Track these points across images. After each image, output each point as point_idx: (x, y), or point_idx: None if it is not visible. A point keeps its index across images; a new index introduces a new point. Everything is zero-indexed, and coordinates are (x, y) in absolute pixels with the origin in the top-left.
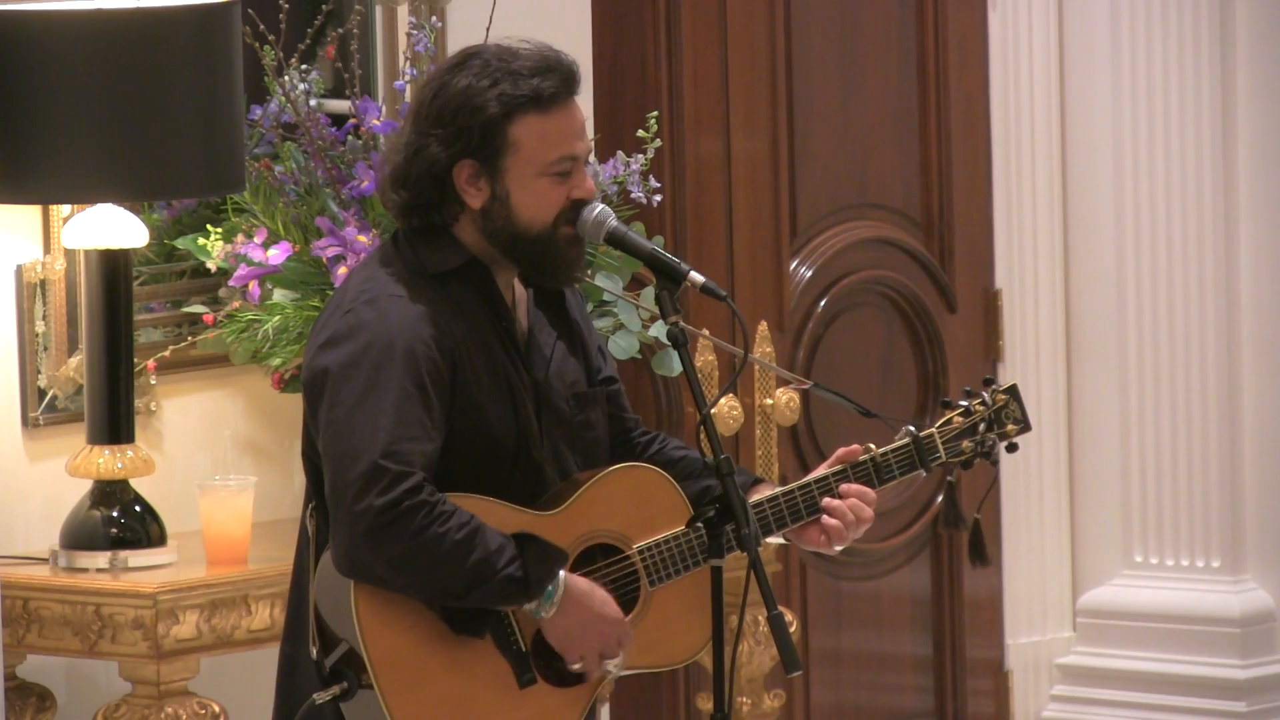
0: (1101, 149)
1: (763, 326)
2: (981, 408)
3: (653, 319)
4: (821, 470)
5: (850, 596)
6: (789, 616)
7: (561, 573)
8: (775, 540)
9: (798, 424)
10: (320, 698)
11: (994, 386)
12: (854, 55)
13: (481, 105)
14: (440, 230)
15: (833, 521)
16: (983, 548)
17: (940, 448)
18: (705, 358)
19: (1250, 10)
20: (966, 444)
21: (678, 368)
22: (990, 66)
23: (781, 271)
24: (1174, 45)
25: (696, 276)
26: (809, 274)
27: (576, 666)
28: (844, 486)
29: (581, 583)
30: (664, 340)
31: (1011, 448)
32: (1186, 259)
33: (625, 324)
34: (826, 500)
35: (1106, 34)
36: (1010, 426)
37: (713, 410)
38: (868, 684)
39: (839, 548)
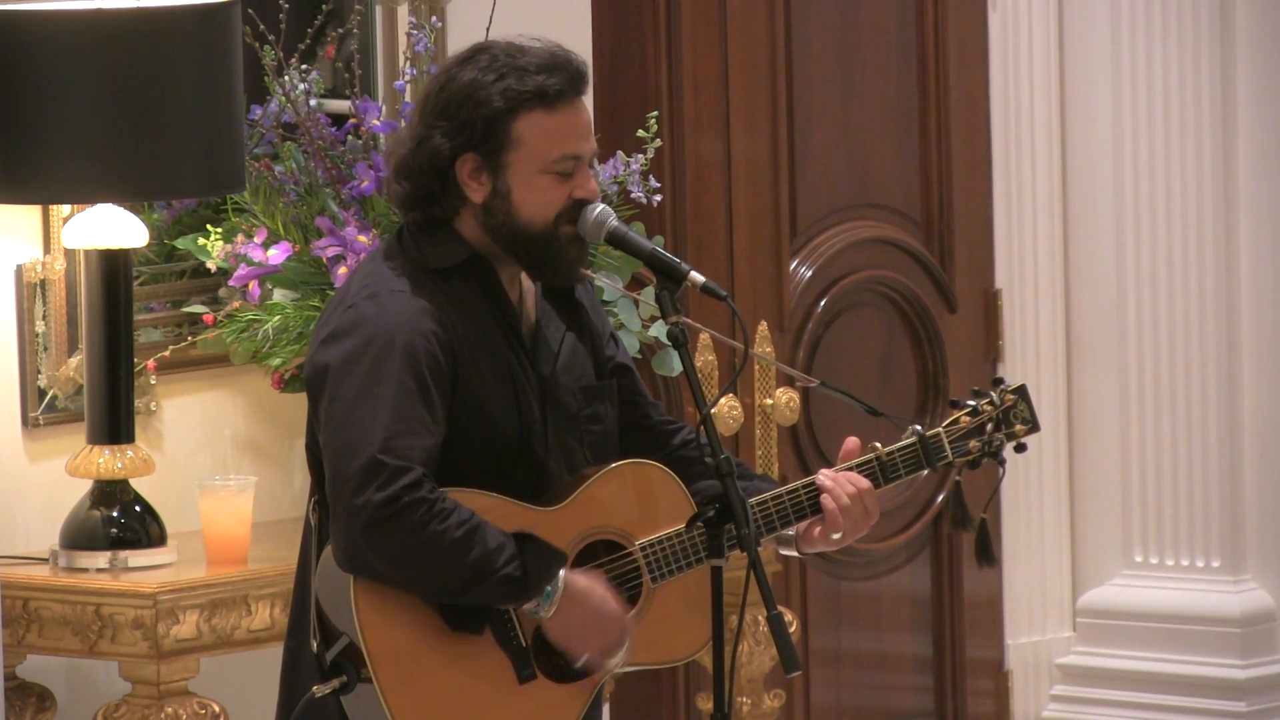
0: (1101, 149)
1: (763, 326)
2: (989, 407)
3: (653, 319)
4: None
5: (850, 596)
6: (789, 616)
7: (561, 572)
8: (788, 551)
9: (798, 424)
10: (319, 690)
11: (1002, 386)
12: (854, 55)
13: (486, 99)
14: (443, 225)
15: (829, 503)
16: (989, 548)
17: (946, 447)
18: (705, 358)
19: (1250, 10)
20: (974, 444)
21: (678, 368)
22: (990, 66)
23: (781, 271)
24: (1174, 45)
25: (697, 276)
26: (809, 274)
27: (580, 664)
28: (838, 475)
29: (581, 581)
30: (664, 340)
31: (1020, 448)
32: (1186, 259)
33: (625, 324)
34: (819, 479)
35: (1106, 34)
36: (1019, 427)
37: (713, 410)
38: (868, 684)
39: (836, 535)
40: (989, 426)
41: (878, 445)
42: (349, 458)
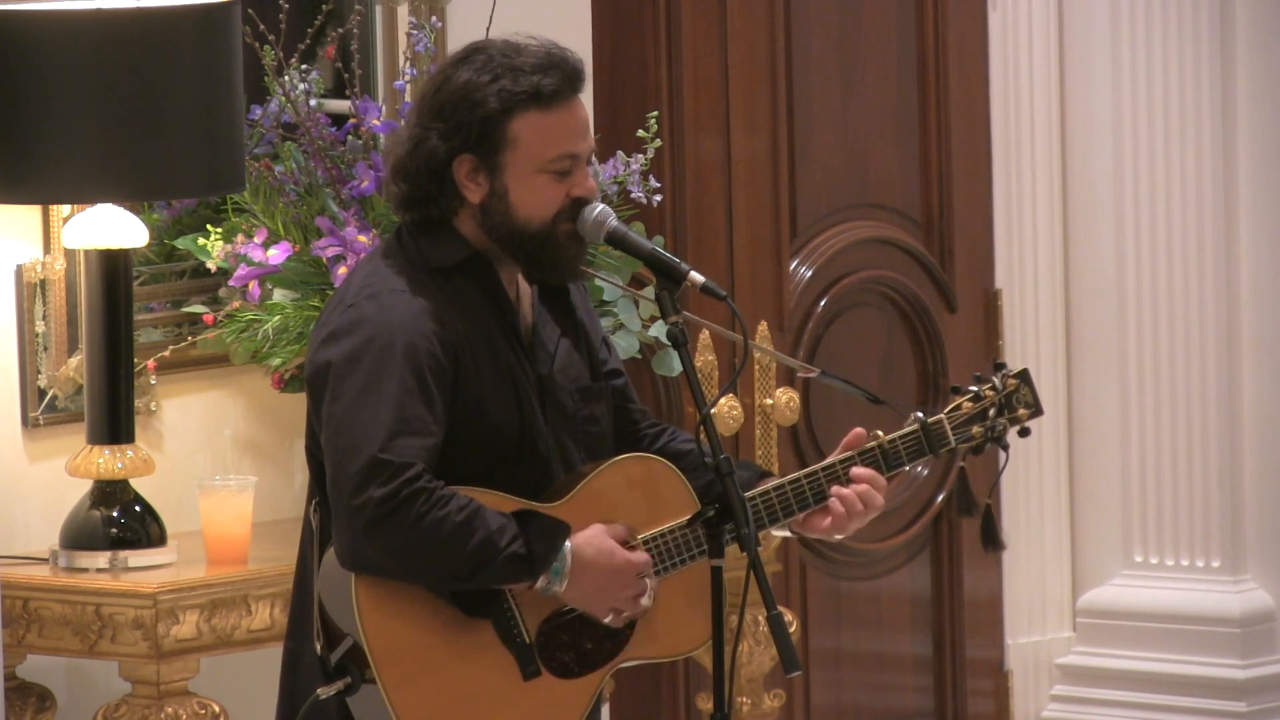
0: (1101, 149)
1: (763, 326)
2: (991, 392)
3: (653, 319)
4: (831, 458)
5: (850, 596)
6: (789, 616)
7: (566, 544)
8: (781, 533)
9: (798, 423)
10: (324, 692)
11: (1004, 371)
12: (854, 55)
13: (481, 100)
14: (442, 224)
15: (838, 507)
16: (995, 533)
17: (949, 433)
18: (705, 358)
19: (1250, 10)
20: (977, 429)
21: (678, 368)
22: (990, 66)
23: (781, 271)
24: (1174, 45)
25: (696, 276)
26: (809, 274)
27: (609, 620)
28: (855, 471)
29: (585, 547)
30: (664, 340)
31: (1024, 432)
32: (1186, 259)
33: (625, 324)
34: (835, 489)
35: (1106, 34)
36: (1022, 411)
37: (713, 410)
38: (868, 684)
39: (839, 536)
40: (992, 411)
41: (879, 433)
42: (350, 457)
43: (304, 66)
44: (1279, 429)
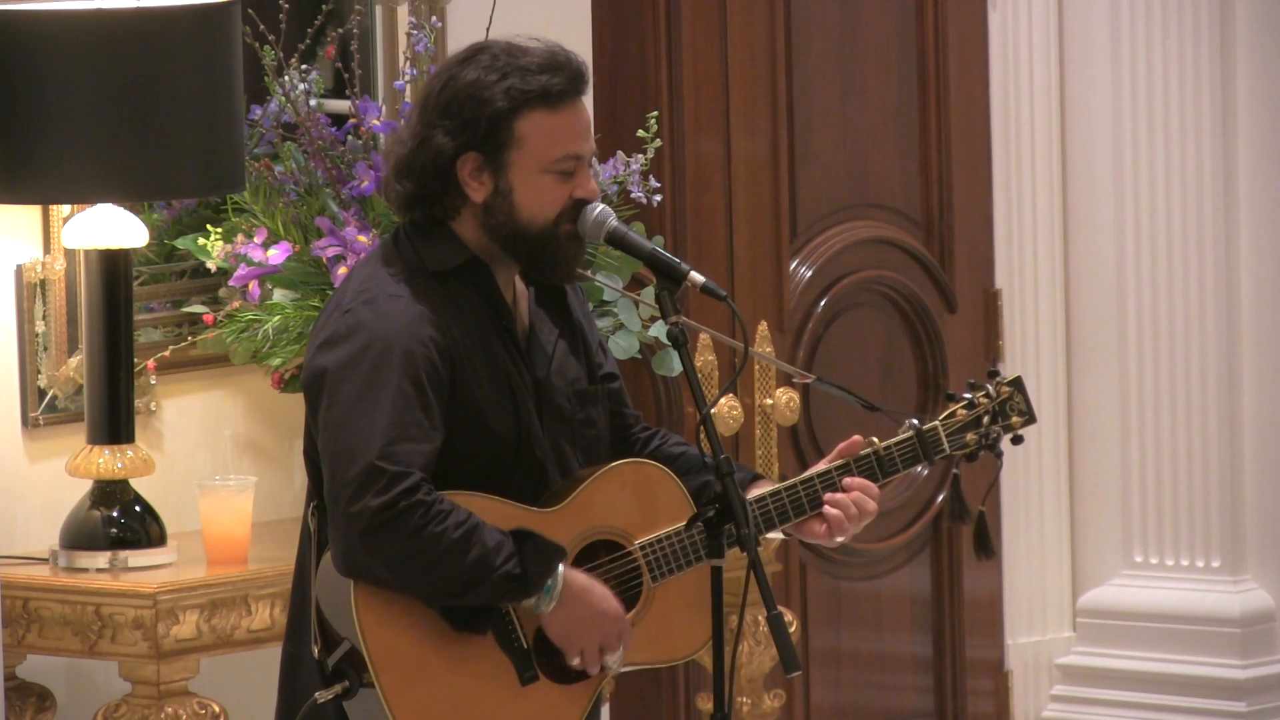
0: (1101, 149)
1: (763, 326)
2: (985, 400)
3: (653, 319)
4: (824, 464)
5: (850, 596)
6: (789, 616)
7: (561, 567)
8: (775, 535)
9: (798, 424)
10: (322, 696)
11: (998, 379)
12: (854, 55)
13: (489, 99)
14: (441, 227)
15: (834, 512)
16: (988, 540)
17: (944, 440)
18: (705, 358)
19: (1250, 10)
20: (971, 436)
21: (678, 368)
22: (990, 66)
23: (781, 271)
24: (1174, 45)
25: (696, 276)
26: (809, 274)
27: (576, 662)
28: (847, 480)
29: (580, 577)
30: (664, 340)
31: (1017, 440)
32: (1186, 259)
33: (625, 324)
34: (829, 495)
35: (1106, 34)
36: (1015, 418)
37: (713, 410)
38: (868, 684)
39: (839, 539)
40: (985, 419)
41: (875, 440)
42: (347, 464)
43: (304, 66)
44: (1279, 429)
